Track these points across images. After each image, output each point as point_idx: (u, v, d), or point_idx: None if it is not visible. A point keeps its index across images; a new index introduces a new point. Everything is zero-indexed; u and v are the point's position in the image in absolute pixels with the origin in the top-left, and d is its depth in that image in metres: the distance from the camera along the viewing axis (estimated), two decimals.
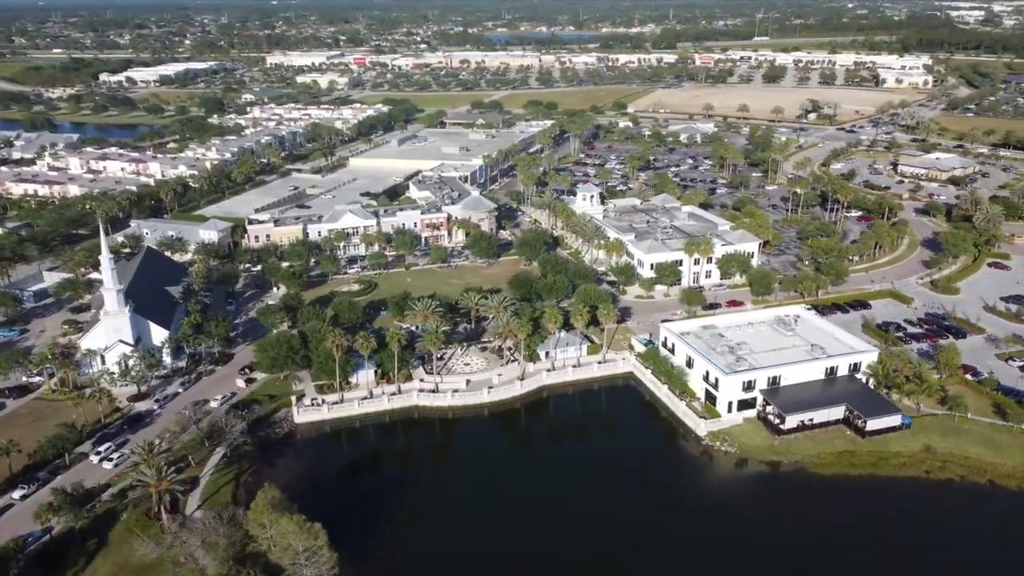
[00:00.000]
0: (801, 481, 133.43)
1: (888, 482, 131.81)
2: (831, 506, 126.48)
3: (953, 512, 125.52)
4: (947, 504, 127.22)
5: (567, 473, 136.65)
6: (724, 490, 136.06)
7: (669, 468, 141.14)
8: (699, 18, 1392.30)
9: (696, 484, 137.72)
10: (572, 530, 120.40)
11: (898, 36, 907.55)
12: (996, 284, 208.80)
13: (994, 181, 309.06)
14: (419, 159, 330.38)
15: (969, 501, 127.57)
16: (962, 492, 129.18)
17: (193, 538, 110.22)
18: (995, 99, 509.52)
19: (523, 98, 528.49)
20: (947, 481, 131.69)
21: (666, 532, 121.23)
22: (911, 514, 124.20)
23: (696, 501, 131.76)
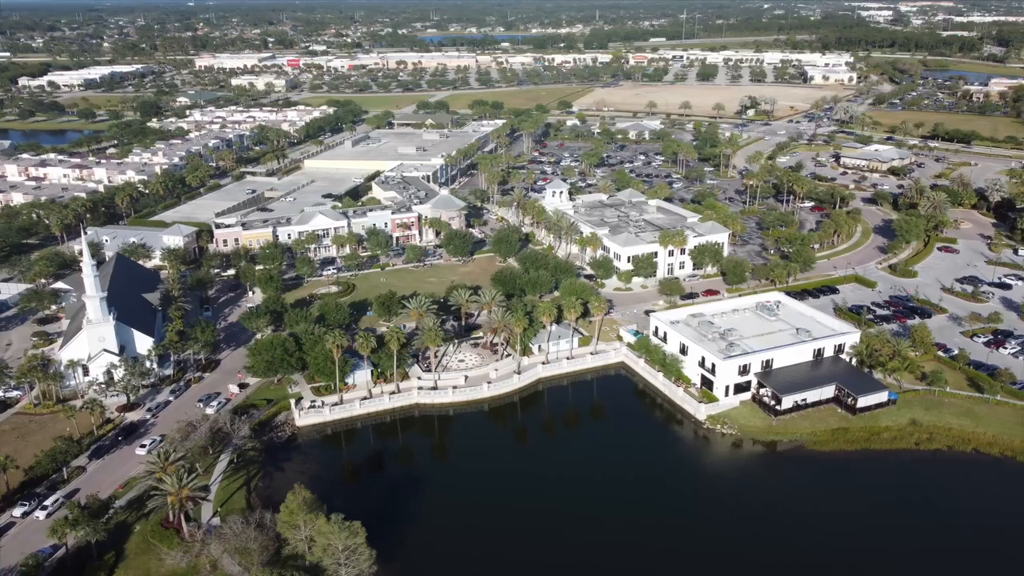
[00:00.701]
0: (802, 458, 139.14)
1: (883, 455, 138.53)
2: (835, 480, 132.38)
3: (946, 480, 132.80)
4: (939, 473, 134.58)
5: (576, 461, 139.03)
6: (730, 470, 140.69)
7: (674, 452, 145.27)
8: (625, 19, 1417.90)
9: (703, 465, 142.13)
10: (592, 515, 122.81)
11: (818, 35, 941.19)
12: (948, 267, 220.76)
13: (930, 171, 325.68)
14: (375, 160, 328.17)
15: (958, 469, 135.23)
16: (951, 461, 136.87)
17: (217, 546, 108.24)
18: (916, 94, 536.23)
19: (467, 98, 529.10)
20: (936, 452, 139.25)
21: (682, 511, 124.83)
22: (909, 485, 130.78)
23: (705, 481, 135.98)
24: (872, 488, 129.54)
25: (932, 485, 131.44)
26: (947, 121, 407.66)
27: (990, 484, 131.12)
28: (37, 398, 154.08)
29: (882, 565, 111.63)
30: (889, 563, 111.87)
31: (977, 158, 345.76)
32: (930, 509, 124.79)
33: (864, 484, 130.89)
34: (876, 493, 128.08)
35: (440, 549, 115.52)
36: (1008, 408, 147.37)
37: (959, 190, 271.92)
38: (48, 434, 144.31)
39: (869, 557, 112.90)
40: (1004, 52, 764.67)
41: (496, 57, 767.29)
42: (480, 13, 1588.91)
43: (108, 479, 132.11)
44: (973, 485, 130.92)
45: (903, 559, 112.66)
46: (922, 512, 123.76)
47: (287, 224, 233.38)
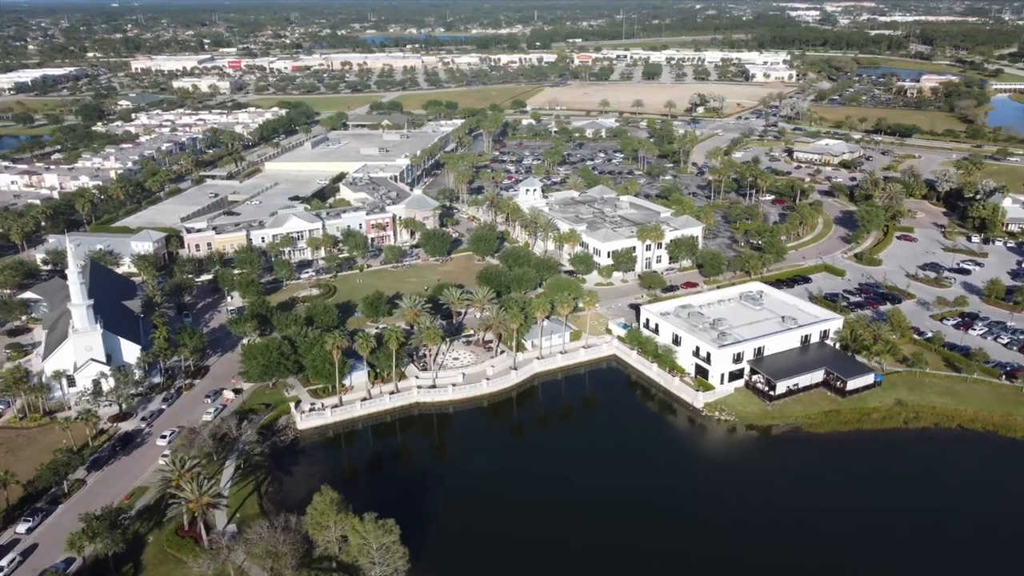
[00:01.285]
0: (800, 440, 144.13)
1: (875, 435, 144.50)
2: (835, 460, 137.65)
3: (938, 456, 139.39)
4: (930, 450, 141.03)
5: (581, 453, 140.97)
6: (733, 454, 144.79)
7: (676, 439, 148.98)
8: (562, 19, 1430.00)
9: (706, 451, 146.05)
10: (606, 507, 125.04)
11: (753, 35, 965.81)
12: (909, 254, 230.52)
13: (877, 164, 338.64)
14: (338, 161, 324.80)
15: (947, 445, 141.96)
16: (939, 438, 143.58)
17: (240, 552, 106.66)
18: (854, 90, 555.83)
19: (418, 99, 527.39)
20: (923, 430, 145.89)
21: (694, 497, 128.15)
22: (904, 462, 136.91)
23: (712, 466, 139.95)
24: (870, 466, 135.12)
25: (925, 461, 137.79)
26: (887, 116, 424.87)
27: (978, 458, 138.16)
28: (21, 411, 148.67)
29: (892, 538, 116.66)
30: (898, 536, 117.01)
31: (919, 151, 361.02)
32: (927, 483, 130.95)
33: (862, 463, 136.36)
34: (875, 470, 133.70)
35: (456, 548, 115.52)
36: (985, 386, 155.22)
37: (910, 181, 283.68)
38: (38, 448, 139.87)
39: (877, 532, 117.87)
40: (930, 50, 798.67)
41: (442, 57, 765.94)
42: (418, 14, 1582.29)
43: (111, 491, 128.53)
44: (963, 459, 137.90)
45: (909, 532, 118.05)
46: (920, 486, 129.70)
47: (260, 227, 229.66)
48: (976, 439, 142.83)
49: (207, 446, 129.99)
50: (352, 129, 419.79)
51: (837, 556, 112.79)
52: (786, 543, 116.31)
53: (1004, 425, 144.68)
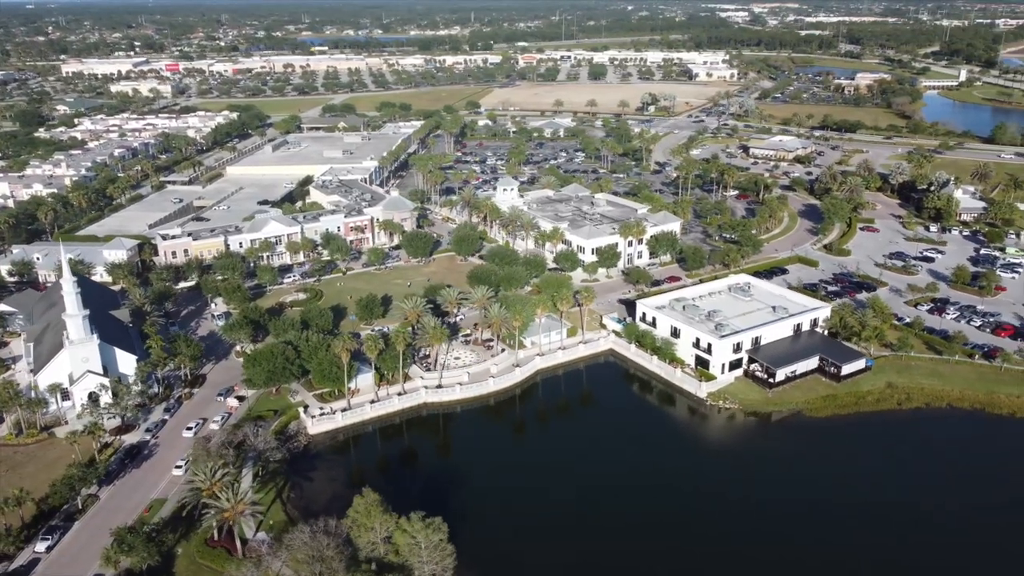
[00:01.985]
0: (804, 425, 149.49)
1: (872, 417, 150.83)
2: (839, 442, 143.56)
3: (934, 434, 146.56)
4: (926, 428, 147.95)
5: (595, 444, 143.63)
6: (741, 440, 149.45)
7: (685, 428, 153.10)
8: (499, 20, 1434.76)
9: (714, 438, 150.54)
10: (628, 494, 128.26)
11: (690, 35, 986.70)
12: (874, 244, 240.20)
13: (829, 158, 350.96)
14: (302, 164, 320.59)
15: (940, 424, 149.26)
16: (932, 418, 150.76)
17: (278, 559, 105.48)
18: (794, 88, 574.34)
19: (368, 100, 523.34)
20: (916, 410, 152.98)
21: (710, 481, 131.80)
22: (903, 440, 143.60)
23: (721, 451, 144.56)
24: (875, 446, 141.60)
25: (923, 439, 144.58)
26: (829, 113, 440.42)
27: (970, 434, 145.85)
28: (15, 427, 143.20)
29: (907, 505, 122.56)
30: (912, 502, 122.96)
31: (866, 146, 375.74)
32: (929, 459, 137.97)
33: (866, 443, 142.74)
34: (881, 450, 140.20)
35: (492, 547, 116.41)
36: (967, 366, 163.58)
37: (865, 175, 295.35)
38: (41, 464, 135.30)
39: (891, 510, 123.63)
40: (859, 49, 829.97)
41: (386, 59, 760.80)
42: (352, 15, 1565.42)
43: (126, 504, 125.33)
44: (957, 436, 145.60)
45: (918, 502, 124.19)
46: (923, 462, 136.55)
47: (237, 232, 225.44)
48: (965, 416, 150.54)
49: (226, 455, 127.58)
50: (307, 132, 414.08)
51: (859, 534, 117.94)
52: (808, 522, 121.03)
53: (990, 403, 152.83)
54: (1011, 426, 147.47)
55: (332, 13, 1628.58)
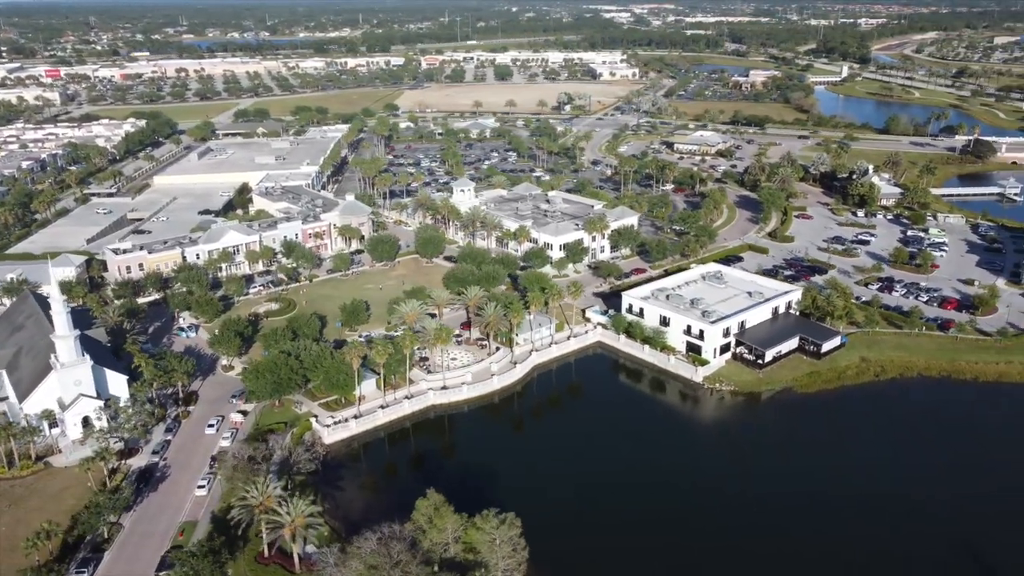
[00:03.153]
0: (797, 401, 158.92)
1: (856, 389, 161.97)
2: (833, 414, 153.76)
3: (914, 400, 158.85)
4: (905, 397, 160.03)
5: (608, 433, 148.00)
6: (743, 417, 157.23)
7: (687, 410, 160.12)
8: (388, 22, 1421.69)
9: (718, 418, 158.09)
10: (631, 463, 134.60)
11: (583, 36, 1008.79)
12: (811, 231, 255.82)
13: (748, 151, 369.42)
14: (234, 171, 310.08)
15: (917, 391, 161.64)
16: (908, 386, 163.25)
17: (347, 569, 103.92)
18: (694, 86, 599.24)
19: (278, 104, 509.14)
20: (892, 380, 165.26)
21: (722, 459, 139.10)
22: (890, 408, 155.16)
23: (728, 429, 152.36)
24: (866, 415, 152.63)
25: (905, 407, 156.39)
26: (738, 109, 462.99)
27: (944, 399, 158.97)
28: (6, 459, 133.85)
29: (913, 462, 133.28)
30: (917, 460, 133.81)
31: (778, 139, 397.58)
32: (916, 422, 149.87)
33: (858, 412, 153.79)
34: (872, 418, 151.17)
35: (544, 542, 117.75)
36: (927, 338, 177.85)
37: (788, 166, 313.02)
38: (45, 496, 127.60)
39: (895, 467, 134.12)
40: (746, 48, 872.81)
41: (285, 62, 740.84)
42: (231, 17, 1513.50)
43: (155, 529, 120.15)
44: (934, 401, 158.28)
45: (920, 457, 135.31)
46: (912, 425, 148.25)
47: (194, 244, 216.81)
48: (936, 383, 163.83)
49: (259, 469, 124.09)
50: (224, 138, 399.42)
51: (869, 489, 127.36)
52: (821, 486, 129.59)
53: (954, 370, 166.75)
54: (976, 390, 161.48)
55: (209, 15, 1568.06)
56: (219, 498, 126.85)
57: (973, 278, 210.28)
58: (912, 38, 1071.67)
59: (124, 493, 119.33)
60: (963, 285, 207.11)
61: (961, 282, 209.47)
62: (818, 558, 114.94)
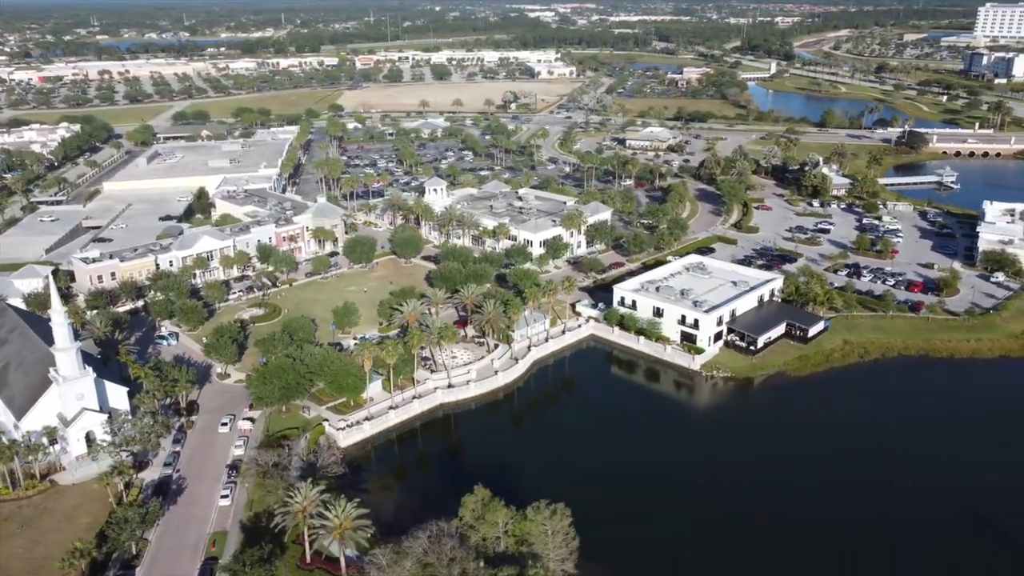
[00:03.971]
0: (791, 384, 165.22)
1: (845, 371, 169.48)
2: (828, 394, 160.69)
3: (900, 378, 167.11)
4: (890, 375, 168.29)
5: (611, 420, 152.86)
6: (744, 401, 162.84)
7: (689, 397, 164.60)
8: (312, 21, 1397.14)
9: (720, 403, 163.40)
10: (647, 452, 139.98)
11: (514, 35, 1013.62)
12: (772, 221, 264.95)
13: (696, 146, 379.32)
14: (189, 176, 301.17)
15: (901, 370, 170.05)
16: (891, 365, 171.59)
17: (403, 569, 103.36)
18: (632, 83, 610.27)
19: (215, 106, 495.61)
20: (875, 360, 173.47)
21: (722, 438, 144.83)
22: (880, 386, 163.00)
23: (728, 414, 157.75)
24: (860, 392, 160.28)
25: (891, 385, 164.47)
26: (672, 105, 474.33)
27: (926, 376, 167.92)
28: (8, 479, 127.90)
29: (914, 434, 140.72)
30: (918, 431, 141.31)
31: (723, 133, 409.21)
32: (906, 397, 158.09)
33: (851, 391, 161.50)
34: (866, 397, 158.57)
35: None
36: (901, 320, 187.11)
37: (741, 159, 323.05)
38: (58, 516, 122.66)
39: (894, 437, 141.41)
40: (675, 46, 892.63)
41: (214, 63, 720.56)
42: (144, 17, 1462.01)
43: (184, 542, 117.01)
44: (918, 377, 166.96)
45: (919, 430, 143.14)
46: (902, 402, 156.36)
47: (166, 250, 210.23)
48: (916, 362, 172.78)
49: (288, 476, 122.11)
50: (167, 142, 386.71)
51: (870, 458, 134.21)
52: (827, 459, 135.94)
53: (931, 349, 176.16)
54: (953, 366, 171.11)
55: (121, 15, 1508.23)
56: (244, 506, 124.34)
57: (932, 262, 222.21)
58: (827, 35, 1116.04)
59: (151, 506, 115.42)
60: (923, 269, 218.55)
61: (921, 266, 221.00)
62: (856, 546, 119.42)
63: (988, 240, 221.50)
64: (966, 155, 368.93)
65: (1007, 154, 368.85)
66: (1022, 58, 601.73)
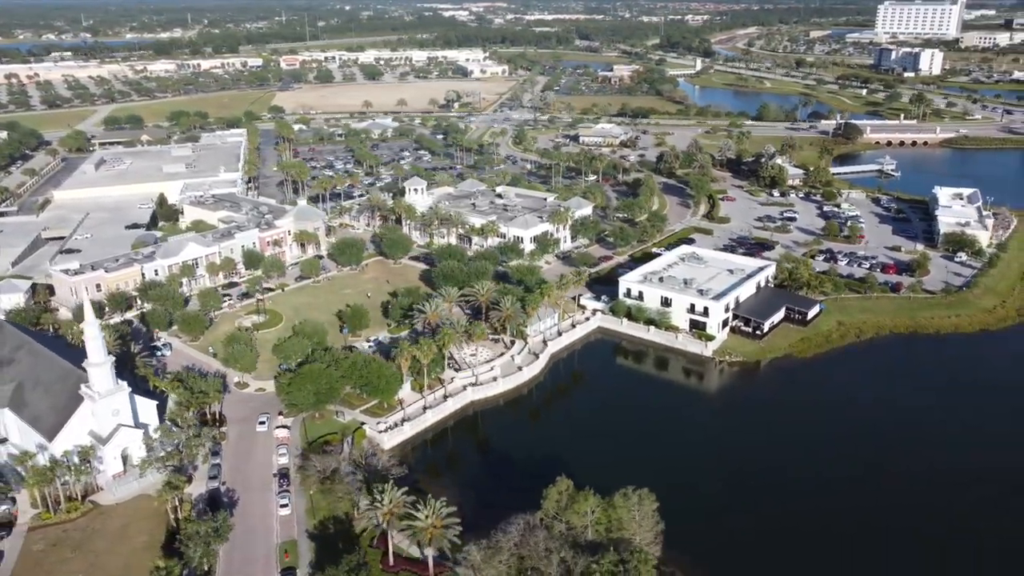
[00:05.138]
0: (799, 365, 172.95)
1: (845, 350, 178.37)
2: (837, 373, 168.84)
3: (897, 354, 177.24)
4: (885, 352, 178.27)
5: (641, 409, 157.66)
6: (760, 383, 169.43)
7: (708, 384, 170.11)
8: (221, 21, 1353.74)
9: (735, 385, 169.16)
10: (676, 434, 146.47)
11: (436, 34, 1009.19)
12: (739, 211, 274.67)
13: (646, 141, 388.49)
14: (142, 182, 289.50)
15: (896, 347, 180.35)
16: (887, 343, 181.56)
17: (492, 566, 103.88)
18: (567, 81, 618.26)
19: (145, 110, 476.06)
20: (871, 339, 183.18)
21: (743, 417, 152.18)
22: (880, 363, 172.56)
23: (744, 393, 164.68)
24: (865, 370, 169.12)
25: (890, 361, 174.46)
26: (615, 102, 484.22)
27: (919, 352, 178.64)
28: (43, 503, 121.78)
29: (917, 407, 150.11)
30: (922, 403, 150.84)
31: (669, 128, 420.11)
32: (908, 372, 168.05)
33: (857, 370, 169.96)
34: (871, 374, 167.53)
35: None
36: (886, 300, 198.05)
37: (699, 152, 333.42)
38: (110, 538, 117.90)
39: (905, 413, 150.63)
40: (598, 44, 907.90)
41: (131, 65, 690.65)
42: (39, 18, 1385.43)
43: (254, 555, 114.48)
44: (913, 352, 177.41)
45: (922, 402, 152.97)
46: (906, 375, 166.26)
47: (151, 259, 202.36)
48: (907, 339, 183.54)
49: (352, 480, 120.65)
50: (105, 148, 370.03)
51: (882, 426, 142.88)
52: (845, 432, 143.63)
53: (917, 326, 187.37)
54: (940, 342, 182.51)
55: (12, 15, 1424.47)
56: (305, 514, 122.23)
57: (899, 245, 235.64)
58: (738, 33, 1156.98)
59: (220, 519, 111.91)
60: (891, 252, 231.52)
61: (888, 249, 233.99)
62: None
63: (947, 223, 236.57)
64: (897, 144, 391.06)
65: (933, 143, 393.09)
66: (927, 53, 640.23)
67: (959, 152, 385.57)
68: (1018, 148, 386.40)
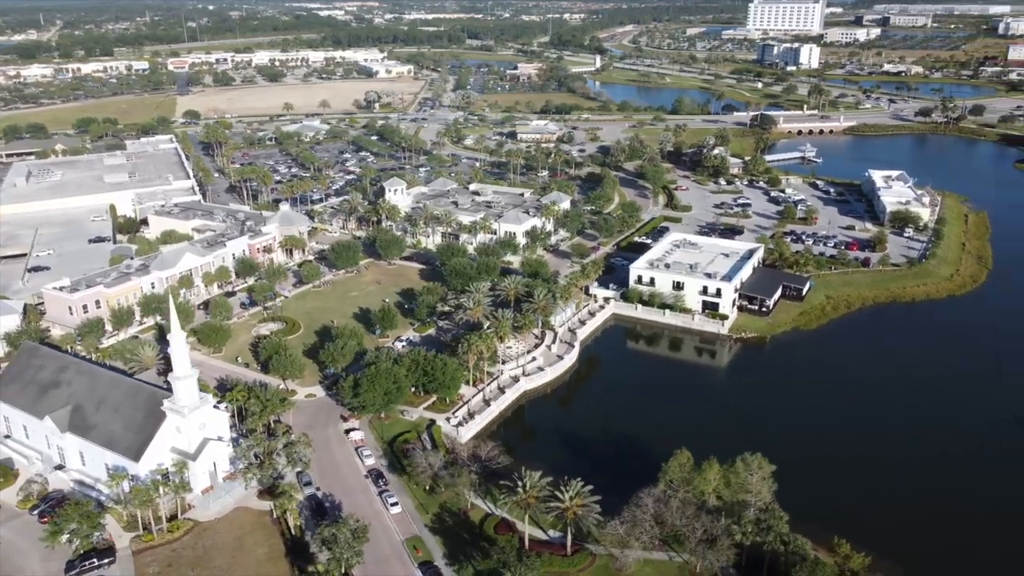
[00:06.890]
0: (806, 337, 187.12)
1: (839, 322, 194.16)
2: (838, 342, 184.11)
3: (885, 323, 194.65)
4: (875, 321, 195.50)
5: (682, 385, 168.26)
6: (780, 354, 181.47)
7: (730, 357, 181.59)
8: (80, 23, 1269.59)
9: (755, 359, 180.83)
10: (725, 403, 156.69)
11: (325, 34, 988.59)
12: (695, 200, 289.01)
13: (579, 137, 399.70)
14: (84, 194, 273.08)
15: (881, 317, 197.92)
16: (872, 314, 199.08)
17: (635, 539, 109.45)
18: (475, 80, 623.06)
19: (38, 117, 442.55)
20: (858, 311, 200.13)
21: (769, 384, 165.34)
22: (873, 331, 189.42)
23: (772, 364, 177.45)
24: (864, 339, 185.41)
25: (882, 328, 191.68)
26: (536, 100, 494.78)
27: (903, 319, 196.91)
28: (136, 524, 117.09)
29: (918, 375, 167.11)
30: (923, 372, 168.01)
31: (597, 124, 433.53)
32: (882, 341, 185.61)
33: (858, 339, 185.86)
34: (871, 341, 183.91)
35: None
36: (861, 274, 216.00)
37: (640, 147, 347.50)
38: (228, 553, 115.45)
39: (906, 382, 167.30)
40: (492, 43, 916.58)
41: (4, 71, 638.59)
42: None
43: (384, 554, 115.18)
44: (899, 321, 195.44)
45: (921, 364, 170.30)
46: (898, 341, 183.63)
47: (146, 272, 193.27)
48: (889, 308, 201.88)
49: (470, 475, 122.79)
50: (11, 160, 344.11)
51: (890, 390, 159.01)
52: (856, 390, 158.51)
53: (894, 296, 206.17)
54: (917, 307, 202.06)
55: None
56: (416, 510, 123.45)
57: (851, 224, 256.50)
58: (616, 30, 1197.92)
59: (358, 525, 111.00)
60: (846, 231, 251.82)
61: (842, 228, 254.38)
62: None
63: (891, 202, 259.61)
64: (807, 133, 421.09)
65: (838, 131, 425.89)
66: (806, 48, 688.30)
67: (861, 138, 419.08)
68: (911, 133, 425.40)
